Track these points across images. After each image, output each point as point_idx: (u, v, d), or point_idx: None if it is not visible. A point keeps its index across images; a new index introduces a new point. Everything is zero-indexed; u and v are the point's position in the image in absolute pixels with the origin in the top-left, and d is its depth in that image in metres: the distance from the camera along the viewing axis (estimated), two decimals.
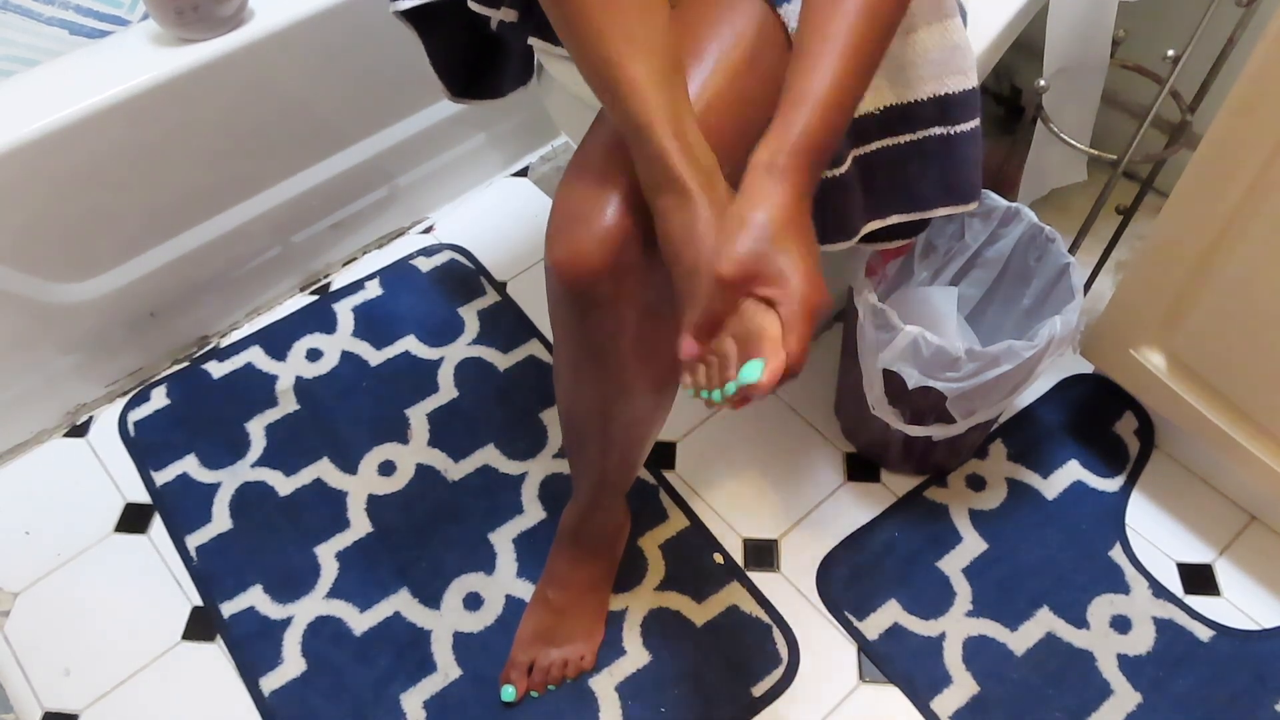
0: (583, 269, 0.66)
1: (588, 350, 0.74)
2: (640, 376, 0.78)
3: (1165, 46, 1.04)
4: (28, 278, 1.10)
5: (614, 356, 0.74)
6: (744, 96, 0.70)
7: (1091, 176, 1.34)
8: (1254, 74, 0.81)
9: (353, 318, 1.33)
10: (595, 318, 0.70)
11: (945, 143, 0.82)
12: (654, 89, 0.62)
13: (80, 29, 1.23)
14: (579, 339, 0.74)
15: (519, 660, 1.01)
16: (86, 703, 1.03)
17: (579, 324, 0.72)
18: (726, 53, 0.69)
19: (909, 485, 1.16)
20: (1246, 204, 0.87)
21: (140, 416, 1.24)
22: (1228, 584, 1.08)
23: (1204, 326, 0.97)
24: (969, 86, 0.81)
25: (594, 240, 0.65)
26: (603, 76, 0.63)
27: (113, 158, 1.08)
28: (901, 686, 1.02)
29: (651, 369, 0.79)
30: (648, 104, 0.61)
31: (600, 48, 0.62)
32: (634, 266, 0.67)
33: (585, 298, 0.68)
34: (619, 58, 0.62)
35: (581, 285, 0.67)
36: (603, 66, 0.63)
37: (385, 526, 1.14)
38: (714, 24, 0.70)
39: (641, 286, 0.70)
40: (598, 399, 0.80)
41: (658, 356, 0.78)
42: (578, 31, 0.63)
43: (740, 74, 0.69)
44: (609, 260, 0.66)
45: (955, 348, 0.92)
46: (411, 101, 1.32)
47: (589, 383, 0.78)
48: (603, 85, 0.63)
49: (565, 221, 0.67)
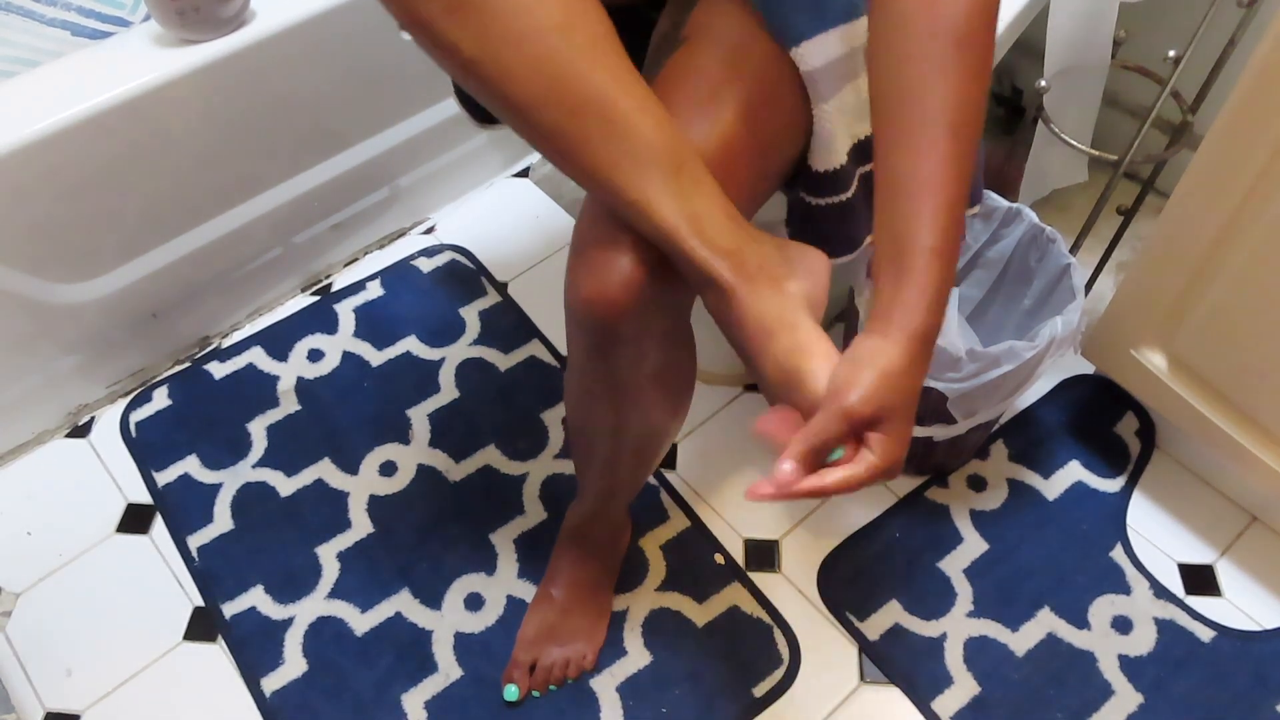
0: (608, 308, 0.65)
1: (607, 381, 0.74)
2: (657, 401, 0.78)
3: (1166, 47, 1.04)
4: (30, 278, 1.10)
5: (632, 384, 0.74)
6: (760, 139, 0.70)
7: (1092, 177, 1.34)
8: (1255, 74, 0.81)
9: (354, 318, 1.33)
10: (618, 352, 0.70)
11: None
12: (666, 199, 0.61)
13: (82, 30, 1.23)
14: (599, 369, 0.73)
15: (521, 660, 1.02)
16: (88, 703, 1.03)
17: (602, 357, 0.71)
18: (742, 95, 0.69)
19: (910, 486, 1.16)
20: (1247, 204, 0.87)
21: (142, 417, 1.24)
22: (1229, 584, 1.08)
23: (1205, 327, 0.97)
24: None
25: (618, 279, 0.64)
26: (611, 198, 0.62)
27: (114, 159, 1.08)
28: (902, 687, 1.02)
29: (668, 393, 0.78)
30: (665, 219, 0.61)
31: (602, 176, 0.61)
32: (657, 301, 0.66)
33: (612, 334, 0.67)
34: (624, 181, 0.60)
35: (608, 322, 0.66)
36: (609, 193, 0.62)
37: (386, 527, 1.14)
38: (728, 65, 0.70)
39: (663, 318, 0.70)
40: (611, 420, 0.79)
41: (674, 380, 0.78)
42: (578, 163, 0.61)
43: (756, 116, 0.69)
44: (635, 299, 0.65)
45: (956, 348, 0.92)
46: (413, 102, 1.32)
47: (603, 406, 0.78)
48: (613, 204, 0.63)
49: (587, 259, 0.66)
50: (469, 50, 0.58)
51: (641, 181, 0.60)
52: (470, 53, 0.58)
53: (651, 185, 0.60)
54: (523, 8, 0.57)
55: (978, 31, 0.59)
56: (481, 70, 0.58)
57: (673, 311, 0.71)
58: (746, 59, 0.70)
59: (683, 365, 0.79)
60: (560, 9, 0.58)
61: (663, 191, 0.61)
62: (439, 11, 0.57)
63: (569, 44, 0.58)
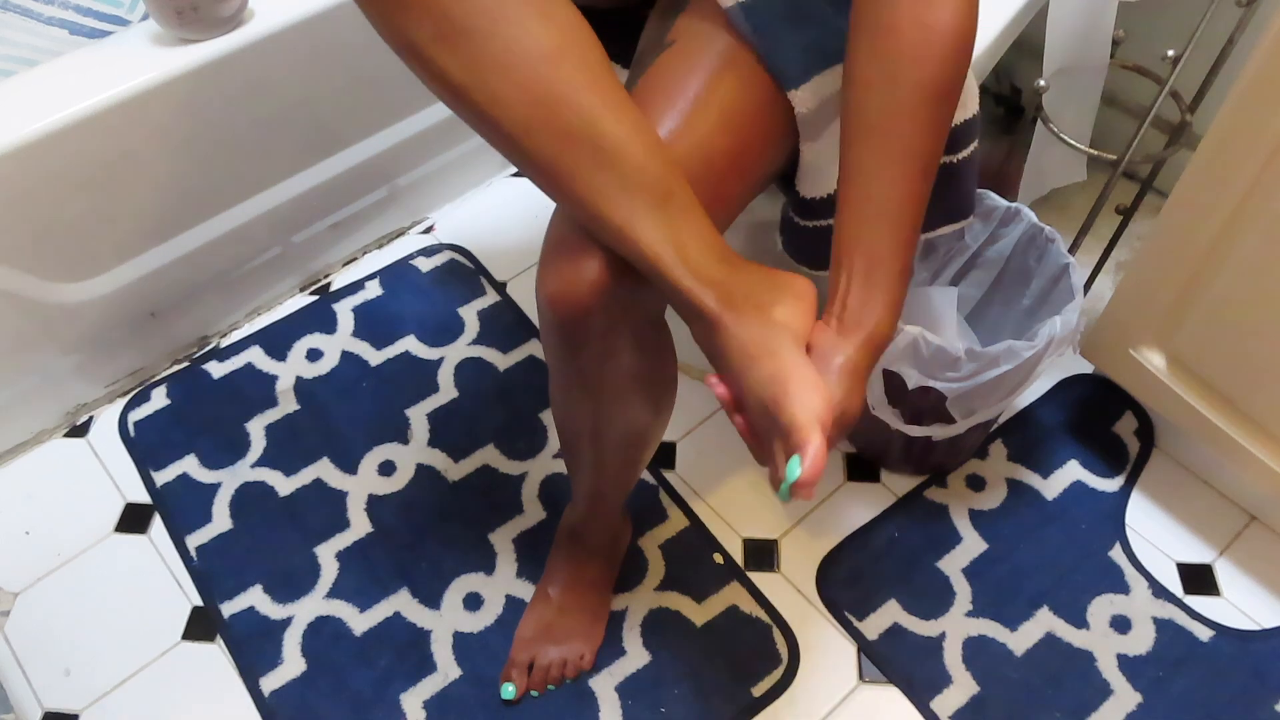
0: (574, 305, 0.65)
1: (580, 379, 0.74)
2: (633, 400, 0.78)
3: (1165, 47, 1.04)
4: (28, 278, 1.10)
5: (606, 383, 0.74)
6: (741, 147, 0.70)
7: (1091, 176, 1.34)
8: (1254, 74, 0.81)
9: (353, 318, 1.33)
10: (587, 350, 0.70)
11: (947, 170, 0.82)
12: (652, 227, 0.61)
13: (80, 29, 1.23)
14: (571, 368, 0.73)
15: (519, 659, 1.02)
16: (87, 703, 1.03)
17: (571, 356, 0.71)
18: (725, 102, 0.69)
19: (909, 485, 1.16)
20: (1246, 204, 0.87)
21: (140, 416, 1.24)
22: (1228, 584, 1.08)
23: (1204, 326, 0.97)
24: (969, 116, 0.81)
25: (585, 277, 0.65)
26: (598, 225, 0.62)
27: (113, 158, 1.08)
28: (901, 686, 1.02)
29: (645, 391, 0.78)
30: (650, 246, 0.61)
31: (590, 203, 0.61)
32: (625, 298, 0.67)
33: (577, 331, 0.68)
34: (610, 207, 0.61)
35: (573, 320, 0.66)
36: (597, 220, 0.62)
37: (385, 526, 1.14)
38: (712, 71, 0.70)
39: (633, 315, 0.69)
40: (590, 421, 0.79)
41: (650, 379, 0.78)
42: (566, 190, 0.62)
43: (738, 124, 0.70)
44: (600, 296, 0.65)
45: (955, 348, 0.92)
46: (412, 101, 1.32)
47: (581, 407, 0.78)
48: (600, 230, 0.63)
49: (555, 255, 0.66)
50: (458, 77, 0.58)
51: (628, 208, 0.61)
52: (460, 79, 0.58)
53: (638, 212, 0.61)
54: (513, 36, 0.58)
55: (955, 88, 0.66)
56: (470, 97, 0.59)
57: (642, 312, 0.70)
58: (731, 65, 0.70)
59: (658, 366, 0.78)
60: (551, 36, 0.59)
61: (649, 219, 0.61)
62: (429, 38, 0.57)
63: (558, 70, 0.59)
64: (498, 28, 0.57)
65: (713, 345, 0.63)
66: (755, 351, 0.61)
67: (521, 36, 0.58)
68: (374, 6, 0.59)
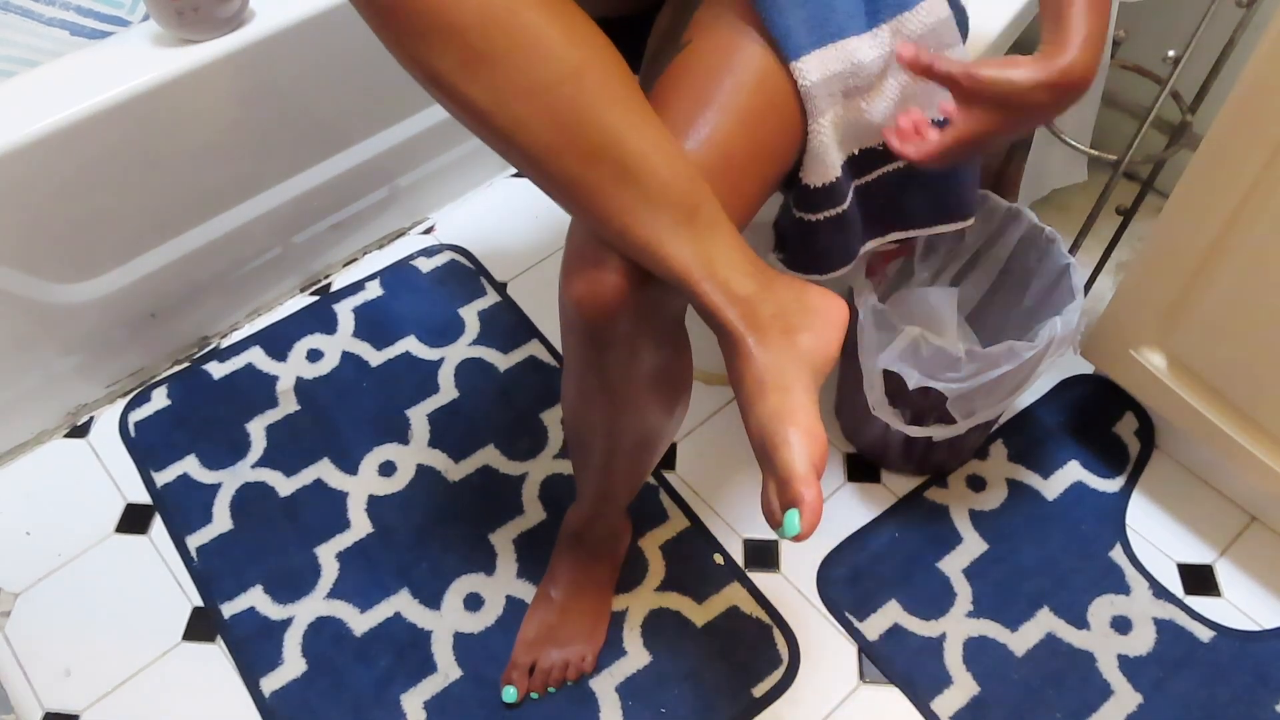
0: (601, 307, 0.65)
1: (601, 382, 0.74)
2: (651, 401, 0.78)
3: (1165, 47, 1.04)
4: (29, 278, 1.10)
5: (627, 386, 0.74)
6: (759, 145, 0.70)
7: (1092, 177, 1.34)
8: (1254, 74, 0.81)
9: (353, 318, 1.33)
10: (612, 352, 0.70)
11: (947, 170, 0.82)
12: (680, 243, 0.61)
13: (81, 30, 1.23)
14: (593, 371, 0.73)
15: (520, 661, 1.01)
16: (87, 703, 1.03)
17: (595, 358, 0.71)
18: (742, 101, 0.69)
19: (909, 486, 1.16)
20: (1247, 204, 0.87)
21: (141, 417, 1.24)
22: (1228, 584, 1.08)
23: (1204, 327, 0.97)
24: None
25: (610, 282, 0.64)
26: (626, 243, 0.62)
27: (113, 158, 1.08)
28: (902, 687, 1.02)
29: (662, 392, 0.78)
30: (678, 262, 0.61)
31: (617, 222, 0.61)
32: (652, 300, 0.66)
33: (603, 333, 0.67)
34: (637, 225, 0.61)
35: (600, 323, 0.66)
36: (624, 238, 0.62)
37: (385, 527, 1.14)
38: (729, 70, 0.70)
39: (659, 316, 0.69)
40: (606, 422, 0.79)
41: (670, 380, 0.78)
42: (592, 210, 0.61)
43: (756, 123, 0.69)
44: (626, 302, 0.65)
45: (955, 348, 0.92)
46: (412, 102, 1.32)
47: (598, 407, 0.77)
48: (627, 248, 0.63)
49: (579, 260, 0.66)
50: (483, 103, 0.58)
51: (654, 225, 0.60)
52: (484, 105, 0.58)
53: (664, 229, 0.61)
54: (537, 59, 0.57)
55: None
56: (494, 122, 0.59)
57: (665, 314, 0.70)
58: (748, 64, 0.70)
59: (678, 367, 0.78)
60: (573, 56, 0.58)
61: (675, 235, 0.61)
62: (453, 66, 0.57)
63: (581, 90, 0.58)
64: (518, 51, 0.57)
65: (732, 366, 0.64)
66: (770, 381, 0.61)
67: (546, 59, 0.58)
68: (394, 37, 0.59)
